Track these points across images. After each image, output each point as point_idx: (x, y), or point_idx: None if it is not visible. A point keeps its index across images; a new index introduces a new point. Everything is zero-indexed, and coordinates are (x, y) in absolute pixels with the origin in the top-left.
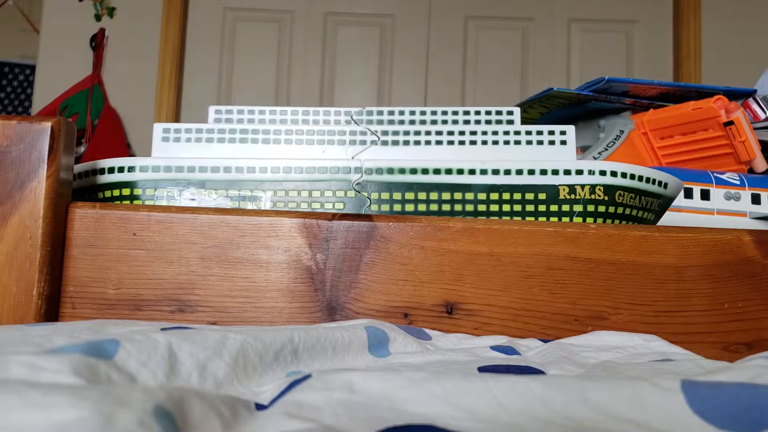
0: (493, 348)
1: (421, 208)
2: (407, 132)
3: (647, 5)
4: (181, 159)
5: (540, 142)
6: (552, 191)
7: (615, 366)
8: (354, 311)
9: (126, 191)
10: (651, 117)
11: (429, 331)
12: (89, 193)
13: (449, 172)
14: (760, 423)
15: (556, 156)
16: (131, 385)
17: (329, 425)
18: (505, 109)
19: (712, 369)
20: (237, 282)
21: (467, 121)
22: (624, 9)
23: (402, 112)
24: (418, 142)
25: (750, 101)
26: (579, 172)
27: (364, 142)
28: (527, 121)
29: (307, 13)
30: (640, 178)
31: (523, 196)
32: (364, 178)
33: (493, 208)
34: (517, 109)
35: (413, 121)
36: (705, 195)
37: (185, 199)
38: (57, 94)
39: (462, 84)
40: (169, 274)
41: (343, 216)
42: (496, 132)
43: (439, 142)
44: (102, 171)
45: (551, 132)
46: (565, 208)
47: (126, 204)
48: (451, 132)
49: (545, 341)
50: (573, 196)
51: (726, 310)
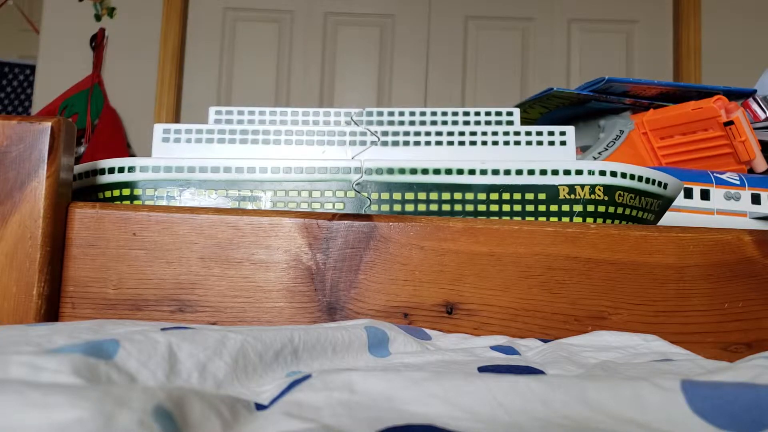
0: (493, 348)
1: (421, 208)
2: (407, 132)
3: (647, 5)
4: (181, 159)
5: (540, 142)
6: (552, 191)
7: (615, 366)
8: (354, 311)
9: (126, 191)
10: (651, 117)
11: (429, 331)
12: (89, 194)
13: (449, 172)
14: (760, 423)
15: (555, 156)
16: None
17: (329, 425)
18: (505, 110)
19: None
20: (237, 282)
21: (467, 122)
22: (624, 9)
23: (402, 112)
24: (418, 142)
25: (750, 101)
26: (579, 172)
27: (364, 142)
28: (527, 122)
29: (307, 13)
30: (639, 178)
31: (523, 196)
32: (364, 178)
33: (493, 208)
34: (517, 110)
35: (413, 122)
36: (705, 195)
37: (185, 200)
38: (57, 94)
39: (462, 84)
40: (169, 274)
41: (343, 216)
42: (495, 132)
43: (439, 142)
44: (102, 171)
45: (551, 132)
46: (565, 208)
47: (126, 204)
48: (451, 132)
49: (545, 341)
50: (573, 196)
51: (726, 310)
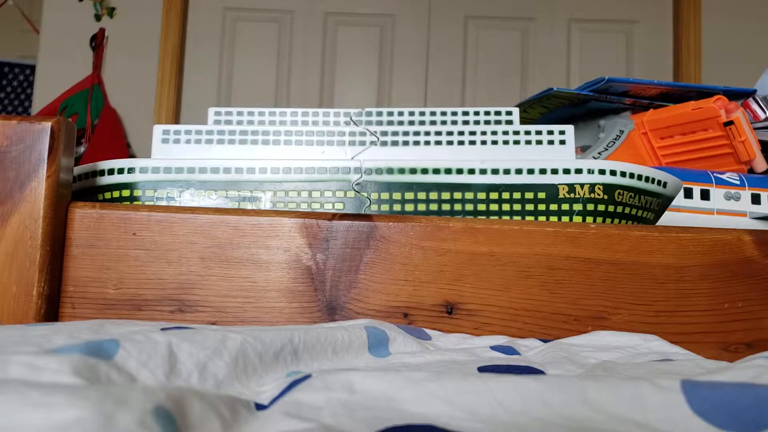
0: (493, 348)
1: (421, 208)
2: (406, 132)
3: (647, 5)
4: (181, 160)
5: (539, 141)
6: (552, 190)
7: (615, 366)
8: (354, 311)
9: (126, 192)
10: (651, 117)
11: (429, 331)
12: (89, 195)
13: (449, 171)
14: (760, 423)
15: (555, 155)
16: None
17: (329, 425)
18: (504, 110)
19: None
20: (237, 282)
21: (466, 122)
22: (624, 9)
23: (401, 112)
24: (417, 142)
25: (750, 101)
26: (578, 171)
27: (363, 142)
28: (527, 121)
29: (307, 13)
30: (639, 177)
31: (523, 195)
32: (363, 178)
33: (493, 207)
34: (516, 110)
35: (412, 122)
36: (705, 195)
37: (185, 200)
38: (57, 94)
39: (462, 84)
40: (169, 274)
41: (343, 216)
42: (495, 132)
43: (439, 142)
44: (102, 173)
45: (550, 132)
46: (565, 207)
47: (126, 204)
48: (451, 132)
49: (545, 341)
50: (572, 195)
51: (726, 310)
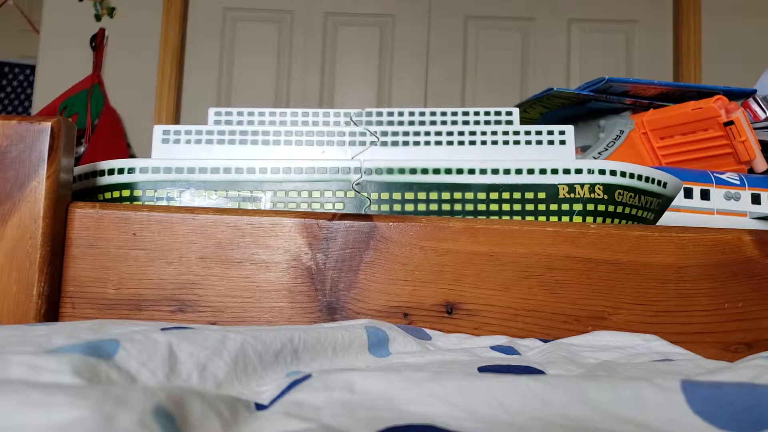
0: (493, 348)
1: (421, 208)
2: (406, 133)
3: (647, 5)
4: (181, 160)
5: (539, 142)
6: (551, 190)
7: (615, 366)
8: (354, 311)
9: (126, 193)
10: (651, 117)
11: (429, 331)
12: (89, 195)
13: (449, 171)
14: (760, 423)
15: (555, 156)
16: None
17: (329, 425)
18: (504, 110)
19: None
20: (237, 282)
21: (466, 122)
22: (624, 9)
23: (401, 113)
24: (417, 142)
25: (750, 101)
26: (578, 171)
27: (363, 143)
28: (527, 121)
29: (307, 13)
30: (639, 177)
31: (523, 195)
32: (363, 178)
33: (493, 207)
34: (516, 110)
35: (412, 122)
36: (705, 195)
37: (185, 201)
38: (57, 94)
39: (462, 84)
40: (169, 274)
41: (343, 216)
42: (495, 132)
43: (439, 142)
44: (102, 173)
45: (550, 132)
46: (565, 207)
47: (126, 204)
48: (451, 132)
49: (545, 341)
50: (572, 195)
51: (726, 310)
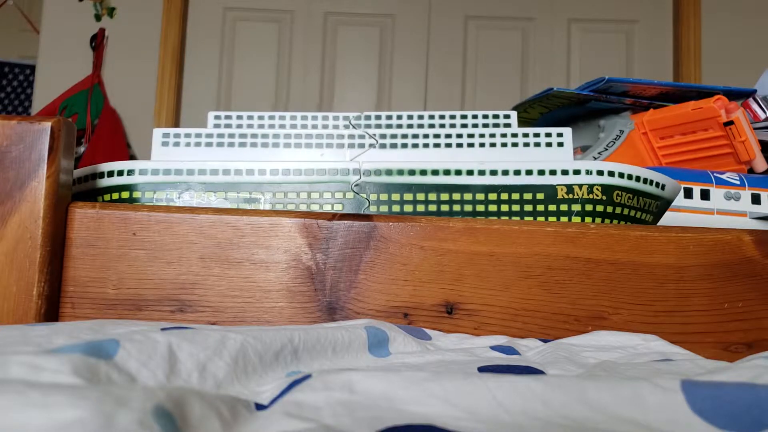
0: (493, 348)
1: (420, 209)
2: (405, 135)
3: (647, 5)
4: (181, 162)
5: (537, 144)
6: (550, 191)
7: (615, 366)
8: (354, 311)
9: (126, 194)
10: (651, 117)
11: (429, 331)
12: (89, 198)
13: (447, 173)
14: (760, 423)
15: (553, 157)
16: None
17: (329, 425)
18: (502, 113)
19: (712, 369)
20: (237, 282)
21: (464, 125)
22: (624, 9)
23: (400, 116)
24: (416, 145)
25: (750, 101)
26: (576, 172)
27: (362, 145)
28: (527, 122)
29: (307, 13)
30: (637, 178)
31: (521, 196)
32: (362, 179)
33: (492, 208)
34: (514, 113)
35: (411, 125)
36: (705, 195)
37: (185, 202)
38: (57, 94)
39: (462, 84)
40: (169, 274)
41: (343, 216)
42: (493, 134)
43: (437, 145)
44: (101, 175)
45: (548, 134)
46: (564, 207)
47: (126, 204)
48: (449, 135)
49: (545, 341)
50: (571, 195)
51: (726, 310)
